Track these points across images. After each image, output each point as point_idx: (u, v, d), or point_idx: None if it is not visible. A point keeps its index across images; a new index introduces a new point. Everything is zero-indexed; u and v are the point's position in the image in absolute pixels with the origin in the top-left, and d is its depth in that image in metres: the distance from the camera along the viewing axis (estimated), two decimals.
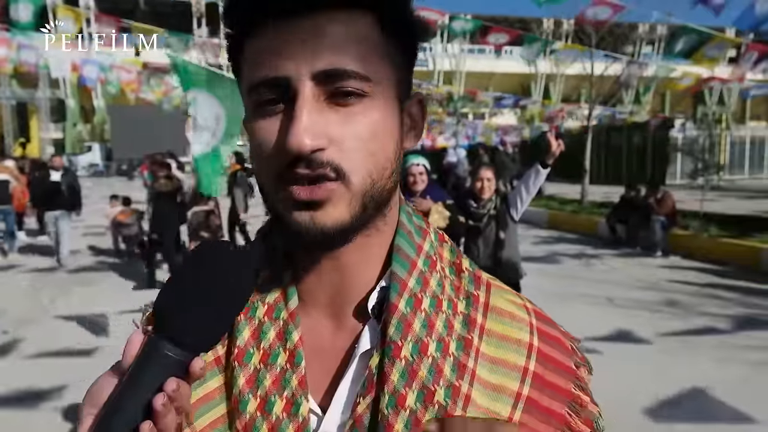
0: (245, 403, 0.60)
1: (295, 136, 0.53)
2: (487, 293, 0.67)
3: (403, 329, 0.60)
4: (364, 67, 0.56)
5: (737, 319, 6.46)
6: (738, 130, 28.57)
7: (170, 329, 0.51)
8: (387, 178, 0.60)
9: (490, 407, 0.61)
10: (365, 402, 0.59)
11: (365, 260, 0.64)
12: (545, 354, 0.65)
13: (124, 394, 0.50)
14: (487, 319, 0.65)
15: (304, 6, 0.55)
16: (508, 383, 0.62)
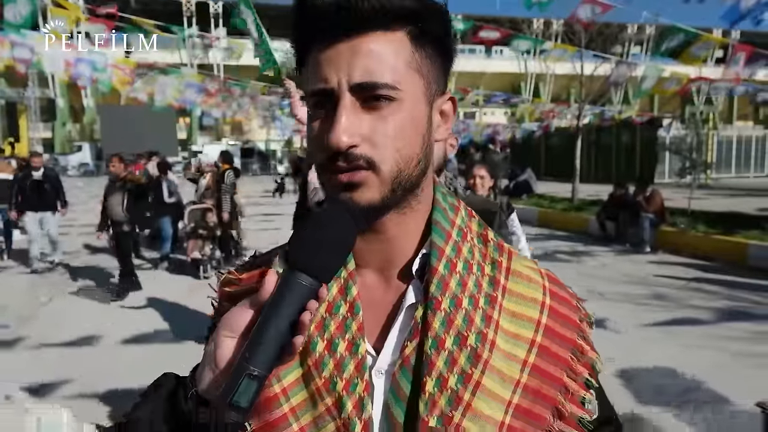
0: (315, 344, 0.75)
1: (335, 136, 0.69)
2: (509, 260, 0.82)
3: (442, 287, 0.75)
4: (394, 78, 0.70)
5: (721, 311, 6.67)
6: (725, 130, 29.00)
7: (303, 266, 0.67)
8: (414, 166, 0.74)
9: (510, 351, 0.76)
10: (412, 345, 0.74)
11: (404, 233, 0.79)
12: (555, 310, 0.80)
13: (271, 315, 0.66)
14: (508, 280, 0.80)
15: (346, 31, 0.70)
16: (525, 332, 0.77)
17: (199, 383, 0.72)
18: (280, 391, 0.74)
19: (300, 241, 0.69)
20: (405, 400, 0.73)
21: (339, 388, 0.73)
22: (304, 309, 0.67)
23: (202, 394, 0.72)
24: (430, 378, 0.72)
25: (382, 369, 0.76)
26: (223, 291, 0.86)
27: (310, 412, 0.74)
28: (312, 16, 0.72)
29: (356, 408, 0.73)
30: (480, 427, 0.72)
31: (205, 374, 0.72)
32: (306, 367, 0.75)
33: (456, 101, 0.81)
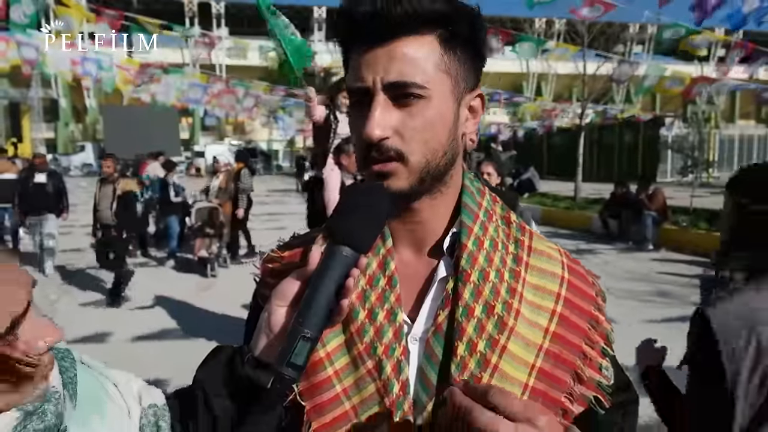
0: (356, 313, 0.83)
1: (369, 129, 0.78)
2: (530, 239, 0.91)
3: (471, 261, 0.84)
4: (423, 78, 0.79)
5: None
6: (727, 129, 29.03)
7: (344, 240, 0.76)
8: (440, 157, 0.82)
9: (533, 319, 0.84)
10: (444, 314, 0.83)
11: (435, 215, 0.88)
12: (573, 284, 0.89)
13: (318, 283, 0.75)
14: (530, 257, 0.89)
15: (381, 37, 0.78)
16: (546, 303, 0.86)
17: (255, 348, 0.81)
18: (325, 356, 0.83)
19: (340, 219, 0.78)
20: (438, 363, 0.82)
21: (379, 352, 0.81)
22: (348, 276, 0.76)
23: (259, 358, 0.81)
24: (461, 342, 0.80)
25: (417, 336, 0.84)
26: (266, 267, 0.95)
27: (351, 375, 0.83)
28: (351, 24, 0.81)
29: (394, 370, 0.81)
30: (506, 387, 0.80)
31: (260, 340, 0.80)
32: (348, 334, 0.84)
33: (484, 98, 0.89)
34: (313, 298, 0.74)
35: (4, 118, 42.21)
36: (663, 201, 11.06)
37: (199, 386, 0.83)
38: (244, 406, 0.82)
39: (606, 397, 0.84)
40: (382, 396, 0.81)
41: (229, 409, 0.81)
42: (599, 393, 0.84)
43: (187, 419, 0.84)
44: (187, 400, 0.86)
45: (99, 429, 0.74)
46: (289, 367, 0.72)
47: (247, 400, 0.81)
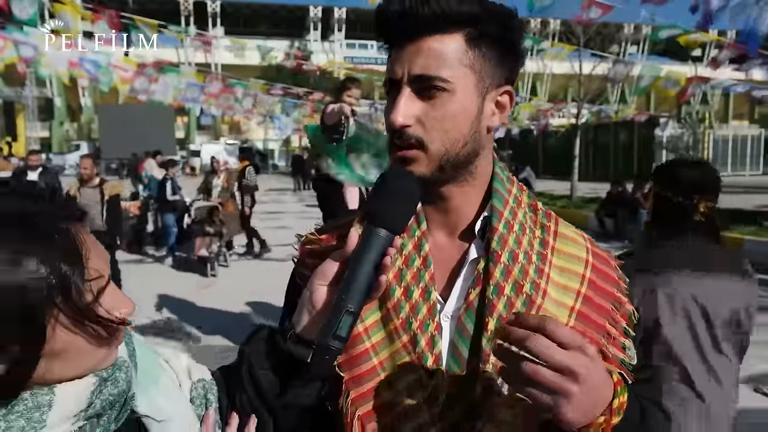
0: (393, 290, 0.90)
1: (393, 116, 0.86)
2: (556, 224, 0.98)
3: (501, 243, 0.90)
4: (447, 72, 0.85)
5: None
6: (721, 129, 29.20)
7: (381, 221, 0.82)
8: (461, 147, 0.88)
9: (560, 299, 0.91)
10: (475, 292, 0.89)
11: (465, 201, 0.94)
12: (597, 267, 0.95)
13: (358, 262, 0.81)
14: (556, 241, 0.95)
15: (411, 34, 0.86)
16: (572, 284, 0.92)
17: (297, 325, 0.87)
18: (363, 331, 0.90)
19: (377, 203, 0.85)
20: (469, 338, 0.88)
21: (414, 327, 0.88)
22: (384, 255, 0.82)
23: (300, 334, 0.87)
24: (492, 318, 0.87)
25: (449, 313, 0.91)
26: (305, 249, 1.02)
27: (387, 349, 0.89)
28: (385, 22, 0.88)
29: (428, 344, 0.87)
30: None
31: (303, 316, 0.87)
32: (385, 311, 0.90)
33: (513, 94, 0.94)
34: (353, 276, 0.81)
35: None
36: None
37: (244, 361, 0.89)
38: (286, 379, 0.88)
39: (629, 374, 0.89)
40: None
41: (272, 382, 0.88)
42: (623, 370, 0.89)
43: (233, 391, 0.90)
44: (232, 374, 0.92)
45: (156, 397, 0.80)
46: (335, 339, 0.79)
47: (288, 373, 0.88)
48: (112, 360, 0.71)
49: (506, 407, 0.85)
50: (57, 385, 0.66)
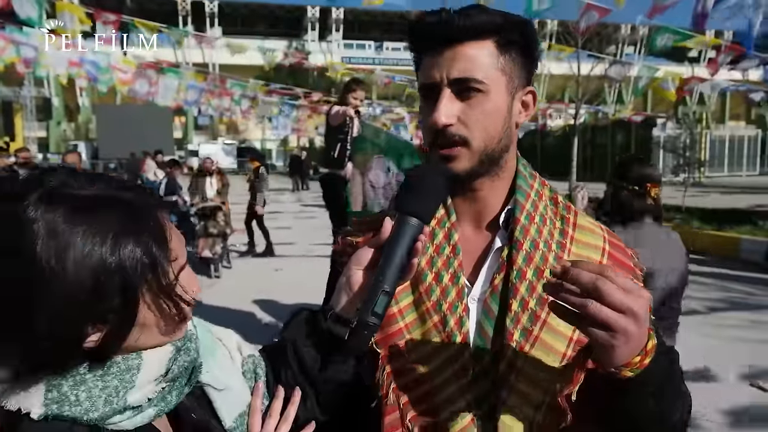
0: (425, 275, 0.99)
1: (436, 117, 0.94)
2: (575, 216, 1.07)
3: (523, 232, 0.99)
4: (482, 74, 0.94)
5: (716, 301, 6.95)
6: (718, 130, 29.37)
7: (411, 212, 0.91)
8: (496, 143, 0.98)
9: None
10: (499, 277, 0.99)
11: (493, 195, 1.04)
12: (612, 255, 1.04)
13: (392, 248, 0.90)
14: (575, 232, 1.04)
15: (449, 41, 0.95)
16: None
17: (336, 305, 0.96)
18: (397, 312, 0.99)
19: (408, 195, 0.94)
20: (494, 318, 0.98)
21: (444, 308, 0.97)
22: (416, 241, 0.91)
23: (339, 314, 0.96)
24: (515, 300, 0.96)
25: (476, 297, 1.00)
26: (345, 241, 1.12)
27: (419, 328, 0.99)
28: (425, 31, 0.97)
29: (457, 324, 0.97)
30: (553, 339, 0.96)
31: (341, 298, 0.96)
32: (417, 294, 0.99)
33: (536, 94, 1.04)
34: (388, 260, 0.89)
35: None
36: None
37: (288, 339, 0.99)
38: (326, 355, 0.97)
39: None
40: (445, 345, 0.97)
41: (314, 358, 0.97)
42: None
43: (278, 367, 0.99)
44: (277, 351, 1.01)
45: (214, 368, 0.89)
46: (373, 315, 0.88)
47: (328, 350, 0.97)
48: (183, 332, 0.81)
49: (527, 379, 0.95)
50: (143, 352, 0.76)
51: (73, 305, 0.66)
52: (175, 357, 0.78)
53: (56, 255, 0.65)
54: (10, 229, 0.66)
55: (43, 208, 0.66)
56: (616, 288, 0.72)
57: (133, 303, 0.70)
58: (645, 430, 0.89)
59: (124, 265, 0.69)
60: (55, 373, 0.70)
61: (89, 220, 0.68)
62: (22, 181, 0.70)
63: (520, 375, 0.95)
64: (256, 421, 0.93)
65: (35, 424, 0.68)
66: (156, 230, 0.73)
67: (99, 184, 0.72)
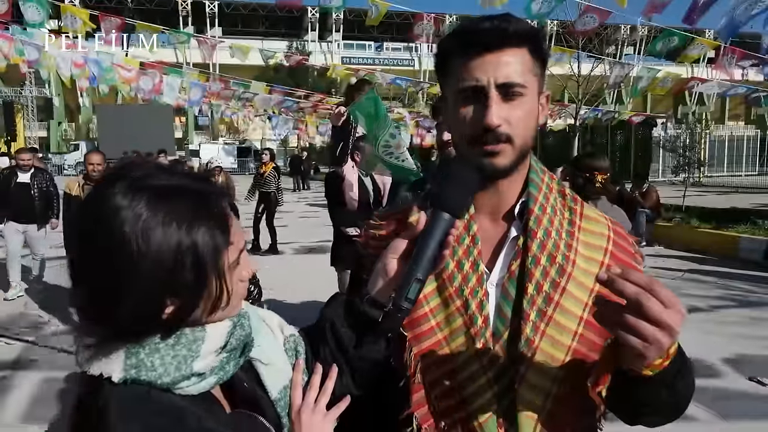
0: (448, 263, 1.08)
1: (489, 118, 1.01)
2: (582, 207, 1.15)
3: (537, 222, 1.08)
4: (522, 79, 1.03)
5: (716, 299, 7.05)
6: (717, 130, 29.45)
7: (444, 207, 0.99)
8: (530, 140, 1.07)
9: (586, 268, 1.08)
10: (516, 263, 1.08)
11: (510, 188, 1.12)
12: (616, 242, 1.13)
13: (426, 239, 0.98)
14: (582, 221, 1.13)
15: (492, 47, 1.02)
16: (596, 256, 1.10)
17: (372, 290, 1.05)
18: (422, 297, 1.08)
19: (442, 190, 1.02)
20: (512, 301, 1.06)
21: (465, 293, 1.06)
22: (447, 234, 1.00)
23: (374, 297, 1.05)
24: (531, 284, 1.05)
25: (494, 282, 1.09)
26: (369, 233, 1.21)
27: (442, 312, 1.07)
28: (467, 36, 1.04)
29: (478, 307, 1.05)
30: (566, 319, 1.04)
31: (377, 283, 1.04)
32: (440, 280, 1.08)
33: (549, 96, 1.13)
34: (422, 251, 0.98)
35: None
36: (657, 198, 11.38)
37: (327, 320, 1.07)
38: (361, 335, 1.06)
39: None
40: (468, 327, 1.05)
41: (350, 337, 1.06)
42: None
43: (317, 344, 1.08)
44: (315, 331, 1.10)
45: (261, 344, 0.98)
46: (406, 300, 0.97)
47: (363, 330, 1.06)
48: (239, 309, 0.90)
49: (543, 355, 1.03)
50: (207, 325, 0.85)
51: (155, 281, 0.76)
52: (233, 331, 0.87)
53: (143, 237, 0.75)
54: (103, 214, 0.76)
55: (130, 196, 0.76)
56: (657, 303, 0.77)
57: (202, 280, 0.79)
58: (652, 415, 1.00)
59: (196, 247, 0.78)
60: (135, 341, 0.79)
61: (168, 207, 0.77)
62: (110, 173, 0.79)
63: (536, 352, 1.03)
64: (298, 394, 1.02)
65: (116, 387, 0.77)
66: (221, 216, 0.82)
67: (173, 175, 0.81)
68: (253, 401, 0.95)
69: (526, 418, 1.03)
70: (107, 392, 0.77)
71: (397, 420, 1.11)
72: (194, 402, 0.82)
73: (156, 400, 0.78)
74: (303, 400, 1.01)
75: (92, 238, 0.77)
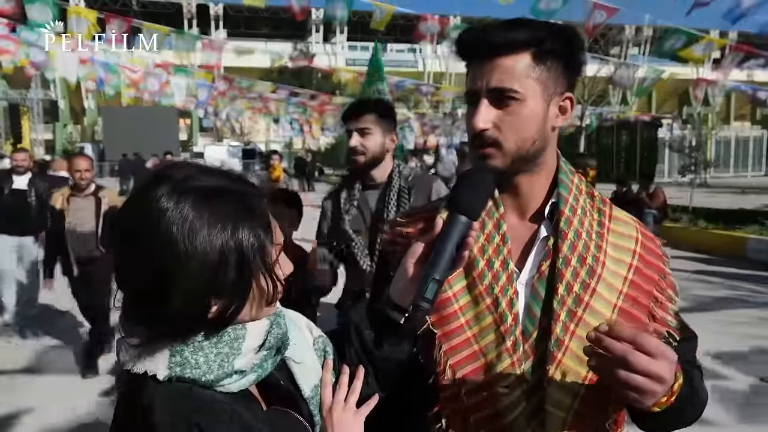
0: (477, 261, 1.09)
1: (474, 122, 1.06)
2: (610, 209, 1.16)
3: (568, 223, 1.09)
4: (516, 84, 1.04)
5: (724, 299, 7.04)
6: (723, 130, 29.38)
7: (462, 210, 1.01)
8: (530, 145, 1.08)
9: (615, 269, 1.09)
10: (546, 264, 1.09)
11: (534, 188, 1.14)
12: (645, 244, 1.14)
13: (443, 242, 1.00)
14: (611, 223, 1.14)
15: (487, 55, 1.05)
16: (625, 258, 1.11)
17: (392, 293, 1.07)
18: (452, 295, 1.09)
19: (459, 195, 1.05)
20: (542, 301, 1.08)
21: (496, 291, 1.07)
22: (465, 237, 1.01)
23: (394, 300, 1.07)
24: (561, 284, 1.06)
25: (524, 281, 1.10)
26: (395, 231, 1.24)
27: (472, 310, 1.09)
28: (467, 46, 1.10)
29: (508, 306, 1.07)
30: (595, 320, 1.05)
31: (398, 286, 1.06)
32: (470, 279, 1.09)
33: (573, 99, 1.14)
34: (439, 253, 1.00)
35: (4, 119, 42.22)
36: (663, 199, 11.35)
37: (352, 322, 1.10)
38: (384, 337, 1.09)
39: (677, 332, 1.08)
40: (497, 325, 1.07)
41: (373, 338, 1.08)
42: (671, 329, 1.08)
43: (342, 344, 1.10)
44: (339, 334, 1.12)
45: (294, 342, 1.00)
46: (424, 300, 0.99)
47: (386, 332, 1.09)
48: (275, 309, 0.91)
49: (572, 356, 1.05)
50: (247, 324, 0.86)
51: (201, 281, 0.78)
52: (270, 329, 0.89)
53: (189, 238, 0.77)
54: (148, 216, 0.78)
55: (175, 198, 0.78)
56: (643, 357, 0.84)
57: (246, 279, 0.81)
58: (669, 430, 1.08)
59: (240, 247, 0.80)
60: (180, 340, 0.81)
61: (212, 208, 0.79)
62: (153, 175, 0.81)
63: (566, 351, 1.05)
64: (328, 393, 1.04)
65: (160, 385, 0.79)
66: (263, 217, 0.84)
67: (214, 176, 0.83)
68: (288, 399, 0.97)
69: (554, 416, 1.05)
70: (152, 390, 0.79)
71: (423, 418, 1.13)
72: (234, 399, 0.84)
73: (199, 397, 0.80)
74: (333, 398, 1.03)
75: (137, 240, 0.78)
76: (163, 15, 46.14)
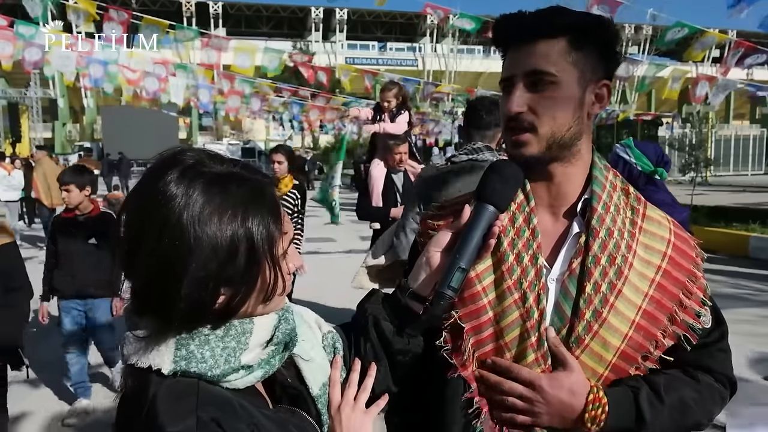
0: (507, 255, 1.06)
1: (509, 105, 1.03)
2: (645, 207, 1.12)
3: (600, 221, 1.06)
4: (552, 68, 1.01)
5: (726, 298, 7.00)
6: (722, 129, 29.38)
7: (490, 199, 1.00)
8: (566, 131, 1.04)
9: (643, 271, 1.06)
10: (577, 261, 1.05)
11: (567, 180, 1.10)
12: (677, 246, 1.10)
13: (470, 230, 0.98)
14: (644, 222, 1.10)
15: (525, 39, 1.03)
16: (654, 260, 1.07)
17: (413, 283, 1.04)
18: (481, 290, 1.07)
19: (487, 185, 1.03)
20: (572, 299, 1.05)
21: (524, 286, 1.04)
22: (492, 226, 0.99)
23: (415, 291, 1.04)
24: (589, 283, 1.03)
25: (554, 277, 1.07)
26: (427, 223, 1.21)
27: (500, 304, 1.06)
28: (505, 31, 1.08)
29: (535, 301, 1.04)
30: (618, 321, 1.03)
31: (419, 276, 1.04)
32: (499, 273, 1.07)
33: (610, 87, 1.10)
34: (465, 242, 0.98)
35: (3, 118, 42.16)
36: None
37: (369, 314, 1.06)
38: (403, 328, 1.06)
39: (695, 336, 1.05)
40: (524, 320, 1.04)
41: (392, 330, 1.05)
42: (689, 332, 1.05)
43: (357, 340, 1.07)
44: (353, 327, 1.09)
45: (302, 339, 0.96)
46: (449, 288, 0.96)
47: (405, 323, 1.06)
48: (284, 303, 0.88)
49: (592, 354, 1.03)
50: (254, 318, 0.83)
51: (210, 269, 0.74)
52: (278, 324, 0.86)
53: (199, 224, 0.73)
54: (158, 202, 0.74)
55: (185, 183, 0.74)
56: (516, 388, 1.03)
57: (255, 269, 0.78)
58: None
59: (250, 235, 0.76)
60: (187, 332, 0.77)
61: (223, 195, 0.76)
62: (162, 159, 0.77)
63: (586, 350, 1.03)
64: (336, 391, 1.00)
65: (165, 379, 0.76)
66: (273, 206, 0.80)
67: (223, 163, 0.80)
68: (296, 397, 0.93)
69: None
70: (156, 384, 0.75)
71: (439, 417, 1.11)
72: (240, 395, 0.81)
73: (206, 392, 0.76)
74: (342, 397, 1.00)
75: (145, 227, 0.75)
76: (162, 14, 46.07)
